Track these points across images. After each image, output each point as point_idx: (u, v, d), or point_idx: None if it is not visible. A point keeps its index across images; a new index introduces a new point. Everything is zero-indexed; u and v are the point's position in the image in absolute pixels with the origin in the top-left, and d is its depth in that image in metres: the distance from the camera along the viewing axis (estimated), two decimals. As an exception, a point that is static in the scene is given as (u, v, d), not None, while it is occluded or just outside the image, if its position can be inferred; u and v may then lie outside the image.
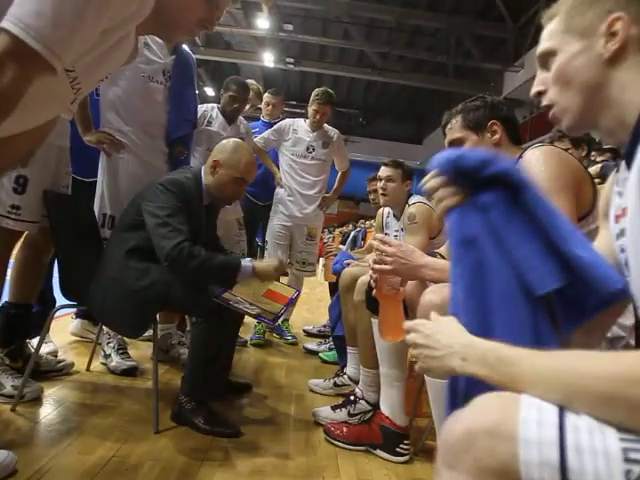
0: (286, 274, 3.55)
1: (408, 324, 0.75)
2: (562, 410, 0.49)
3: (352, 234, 6.07)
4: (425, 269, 1.22)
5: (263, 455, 1.53)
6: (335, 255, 2.69)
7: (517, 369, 0.55)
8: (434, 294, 1.01)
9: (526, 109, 10.57)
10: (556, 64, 0.72)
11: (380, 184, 2.43)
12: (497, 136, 1.30)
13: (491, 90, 10.82)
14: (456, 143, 1.36)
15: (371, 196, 3.49)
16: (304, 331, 3.46)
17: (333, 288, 3.23)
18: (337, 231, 11.53)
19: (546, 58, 0.74)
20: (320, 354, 2.81)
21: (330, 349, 2.84)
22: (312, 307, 4.47)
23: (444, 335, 0.68)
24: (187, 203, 1.72)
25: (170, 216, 1.64)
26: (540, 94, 0.76)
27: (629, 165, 0.62)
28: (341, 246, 3.94)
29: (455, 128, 1.36)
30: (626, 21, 0.64)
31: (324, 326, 3.46)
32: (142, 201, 1.71)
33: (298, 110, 11.75)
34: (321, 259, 7.38)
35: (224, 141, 1.92)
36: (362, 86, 14.55)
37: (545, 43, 0.74)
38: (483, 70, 10.91)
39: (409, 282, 1.37)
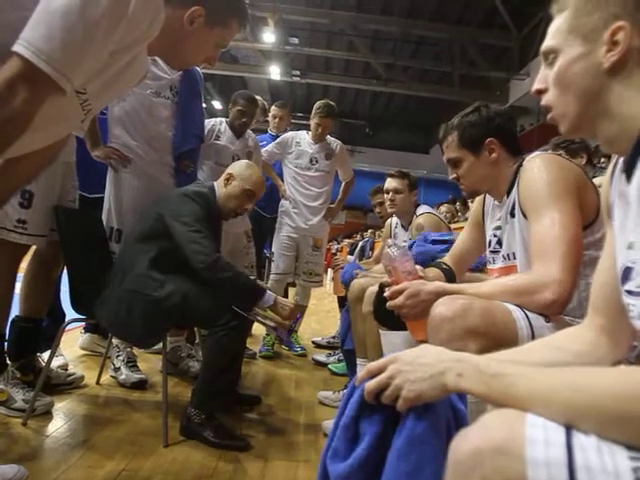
0: (294, 284, 3.56)
1: (380, 362, 0.69)
2: (569, 429, 0.48)
3: (360, 244, 6.07)
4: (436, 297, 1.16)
5: (272, 468, 1.52)
6: (343, 267, 2.69)
7: (515, 389, 0.53)
8: (444, 307, 1.00)
9: (533, 117, 10.55)
10: (557, 65, 0.70)
11: (388, 196, 2.43)
12: (495, 155, 1.29)
13: (497, 98, 10.83)
14: (453, 162, 1.35)
15: (377, 209, 3.47)
16: (313, 342, 3.45)
17: (342, 299, 3.23)
18: (345, 241, 11.52)
19: (549, 55, 0.72)
20: (329, 366, 2.80)
21: (339, 360, 2.82)
22: (321, 318, 4.46)
23: (429, 356, 0.65)
24: (208, 215, 1.81)
25: (198, 221, 1.73)
26: (540, 92, 0.74)
27: (628, 178, 0.61)
28: (349, 257, 3.94)
29: (451, 147, 1.34)
30: (629, 31, 0.62)
31: (333, 337, 3.45)
32: (163, 211, 1.76)
33: (304, 122, 11.82)
34: (329, 270, 7.37)
35: (238, 162, 2.08)
36: (368, 97, 14.62)
37: (549, 41, 0.72)
38: (489, 79, 10.93)
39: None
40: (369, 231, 10.74)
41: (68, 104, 0.93)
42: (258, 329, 3.03)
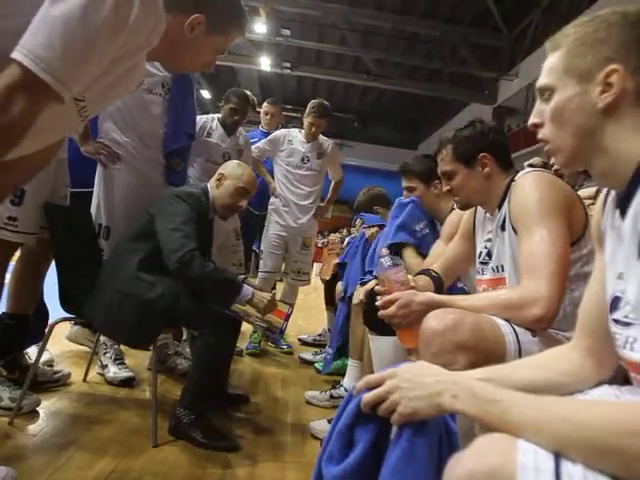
0: (280, 280, 3.57)
1: (379, 376, 0.72)
2: (558, 457, 0.50)
3: (347, 240, 6.09)
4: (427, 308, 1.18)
5: (261, 469, 1.54)
6: (338, 254, 2.69)
7: (508, 416, 0.56)
8: (436, 320, 1.02)
9: (520, 117, 10.64)
10: (553, 102, 0.72)
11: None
12: (487, 169, 1.32)
13: (486, 98, 10.92)
14: (447, 175, 1.38)
15: None
16: (299, 340, 3.47)
17: (328, 294, 3.25)
18: (331, 236, 11.52)
19: (545, 92, 0.74)
20: (316, 364, 2.82)
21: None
22: (307, 315, 4.48)
23: (427, 375, 0.68)
24: (199, 215, 1.82)
25: (184, 223, 1.72)
26: (536, 126, 0.77)
27: (622, 214, 0.64)
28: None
29: (446, 160, 1.37)
30: (622, 74, 0.64)
31: (319, 335, 3.47)
32: (154, 211, 1.77)
33: (293, 114, 11.78)
34: (315, 264, 7.37)
35: (228, 162, 2.09)
36: (358, 91, 14.60)
37: (545, 78, 0.74)
38: (478, 78, 10.99)
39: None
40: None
41: (66, 111, 0.92)
42: (245, 326, 3.04)
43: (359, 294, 2.12)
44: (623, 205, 0.64)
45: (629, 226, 0.60)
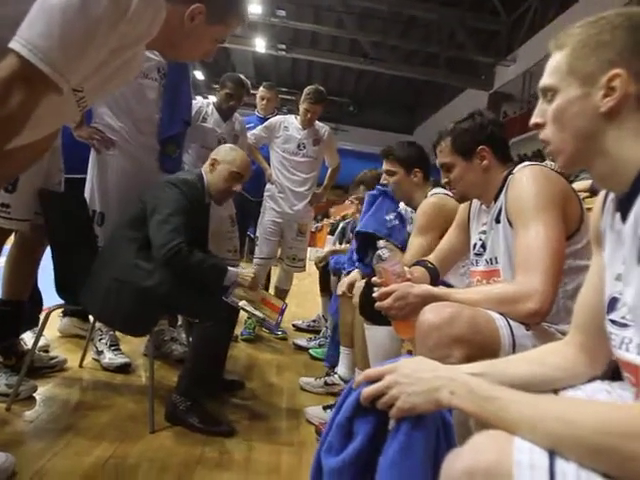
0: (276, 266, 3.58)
1: (379, 370, 0.74)
2: (552, 455, 0.52)
3: (341, 225, 6.08)
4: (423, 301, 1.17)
5: (257, 453, 1.57)
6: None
7: (504, 413, 0.57)
8: (432, 313, 1.04)
9: (516, 104, 10.61)
10: (555, 104, 0.72)
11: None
12: (485, 162, 1.32)
13: (482, 83, 10.85)
14: (446, 167, 1.39)
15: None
16: (293, 325, 3.50)
17: (323, 282, 3.27)
18: (325, 221, 11.53)
19: (547, 93, 0.74)
20: (310, 350, 2.85)
21: (320, 345, 2.88)
22: (301, 300, 4.50)
23: (426, 370, 0.69)
24: (194, 202, 1.82)
25: (173, 215, 1.72)
26: (538, 126, 0.76)
27: (623, 217, 0.65)
28: (329, 237, 3.96)
29: (445, 152, 1.38)
30: (625, 79, 0.64)
31: (314, 321, 3.50)
32: (148, 199, 1.76)
33: (288, 97, 11.65)
34: (309, 249, 7.39)
35: (221, 146, 2.06)
36: (354, 75, 14.43)
37: (548, 78, 0.74)
38: (475, 63, 10.90)
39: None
40: (351, 211, 10.76)
41: (65, 102, 0.91)
42: (241, 313, 3.06)
43: (342, 285, 2.14)
44: (624, 209, 0.64)
45: (630, 230, 0.61)
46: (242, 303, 1.74)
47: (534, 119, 0.76)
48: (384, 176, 2.13)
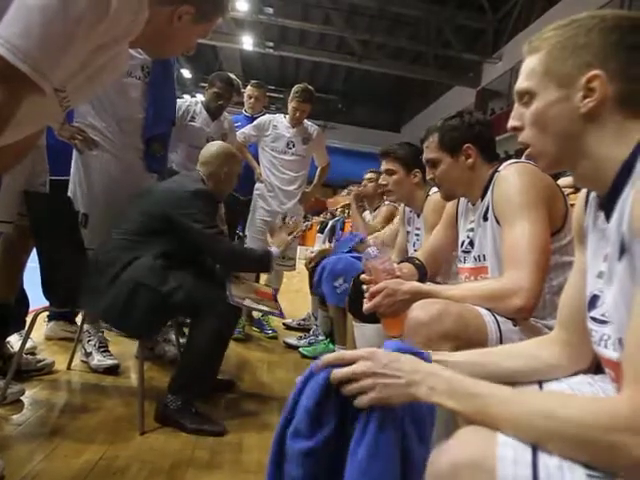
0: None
1: (354, 353, 0.71)
2: (535, 449, 0.53)
3: (330, 223, 6.08)
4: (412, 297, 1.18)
5: (248, 453, 1.57)
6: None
7: (486, 410, 0.58)
8: (421, 310, 1.05)
9: (503, 101, 10.71)
10: (533, 107, 0.72)
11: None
12: (471, 160, 1.34)
13: (470, 80, 10.94)
14: (432, 162, 1.40)
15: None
16: (284, 324, 3.49)
17: (312, 279, 3.26)
18: (315, 219, 11.53)
19: (524, 96, 0.74)
20: (300, 349, 2.85)
21: (310, 344, 2.89)
22: (291, 298, 4.50)
23: (405, 363, 0.67)
24: (213, 206, 1.93)
25: (213, 220, 1.86)
26: (516, 129, 0.76)
27: (607, 217, 0.66)
28: (319, 235, 3.96)
29: (431, 147, 1.39)
30: (604, 80, 0.64)
31: (304, 319, 3.50)
32: (169, 209, 1.79)
33: (275, 95, 11.62)
34: (299, 247, 7.37)
35: (207, 145, 2.07)
36: (342, 72, 14.45)
37: (524, 82, 0.73)
38: (462, 60, 10.99)
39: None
40: (339, 209, 10.77)
41: (47, 102, 0.90)
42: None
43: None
44: (607, 208, 0.65)
45: (614, 229, 0.62)
46: (247, 302, 1.79)
47: (511, 122, 0.76)
48: (383, 176, 2.12)
